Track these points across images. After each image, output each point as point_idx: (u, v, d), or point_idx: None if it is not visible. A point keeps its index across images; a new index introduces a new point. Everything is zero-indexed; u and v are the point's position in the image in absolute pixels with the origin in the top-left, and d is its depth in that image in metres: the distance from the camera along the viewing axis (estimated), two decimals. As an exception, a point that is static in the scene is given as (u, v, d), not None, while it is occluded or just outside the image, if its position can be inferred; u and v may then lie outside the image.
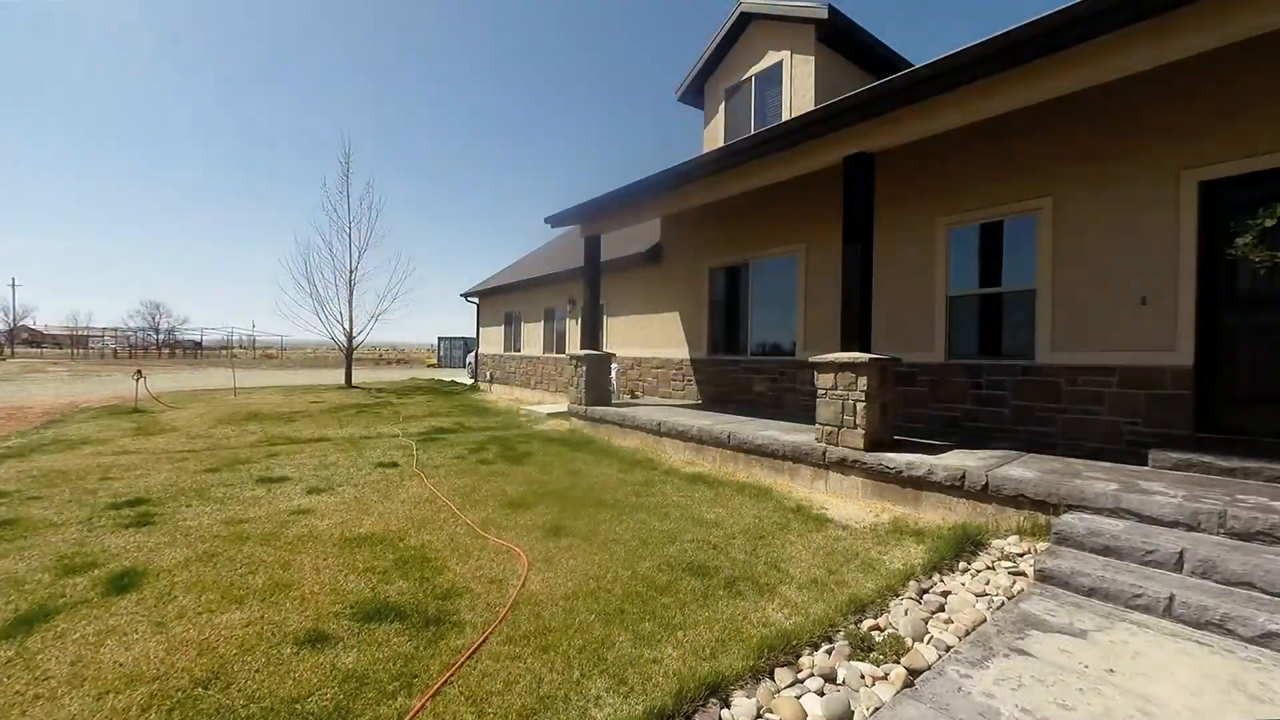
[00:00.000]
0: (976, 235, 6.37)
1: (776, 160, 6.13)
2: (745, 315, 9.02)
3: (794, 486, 5.68)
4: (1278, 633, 2.65)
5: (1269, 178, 4.58)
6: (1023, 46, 4.06)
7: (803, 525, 4.52)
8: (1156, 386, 5.02)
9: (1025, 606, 3.10)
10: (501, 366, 17.33)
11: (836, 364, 5.27)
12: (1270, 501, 3.44)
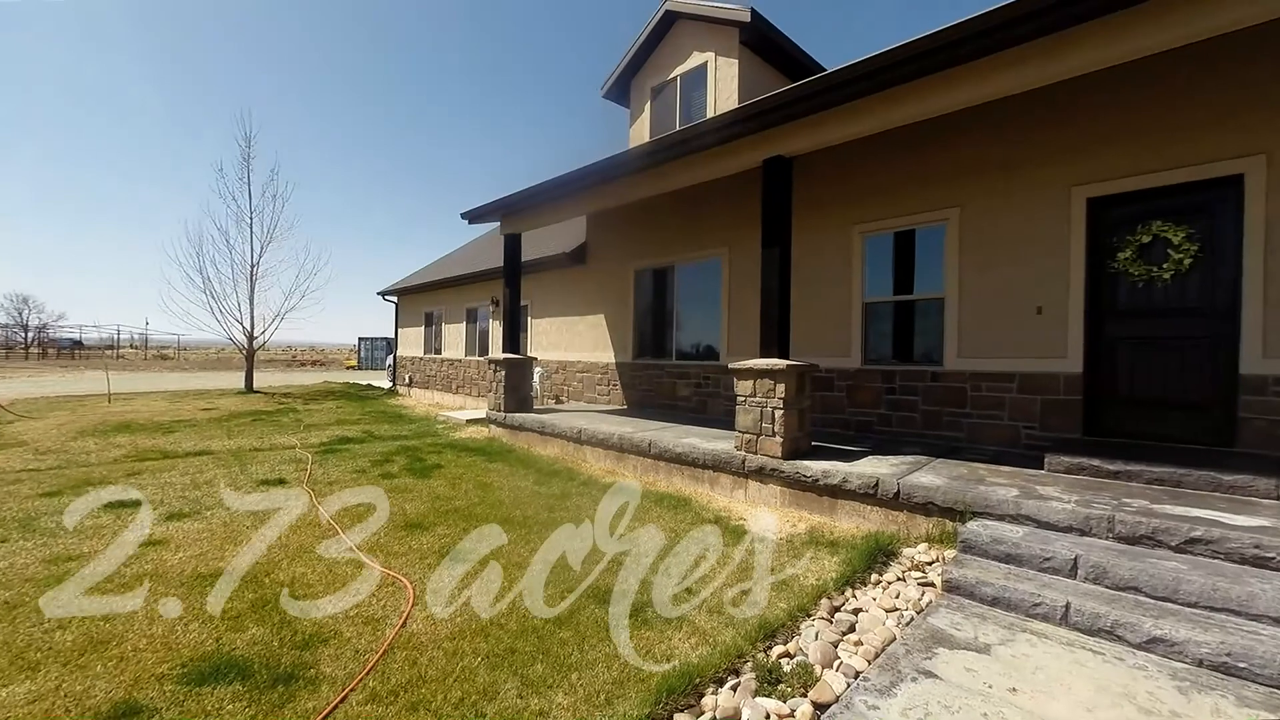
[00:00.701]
0: (891, 243, 6.50)
1: (695, 161, 5.98)
2: (671, 319, 8.88)
3: (714, 496, 5.54)
4: (1162, 638, 2.70)
5: (1146, 196, 4.88)
6: (928, 56, 4.08)
7: (719, 539, 4.35)
8: (1051, 392, 5.26)
9: (933, 621, 3.04)
10: (421, 370, 16.42)
11: (754, 371, 5.17)
12: (1150, 505, 3.59)
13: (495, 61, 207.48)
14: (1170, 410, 4.80)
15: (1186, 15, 3.41)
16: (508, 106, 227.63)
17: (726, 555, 4.02)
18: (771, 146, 5.28)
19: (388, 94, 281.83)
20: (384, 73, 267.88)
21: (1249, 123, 4.43)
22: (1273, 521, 3.25)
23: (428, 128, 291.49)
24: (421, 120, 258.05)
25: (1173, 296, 4.79)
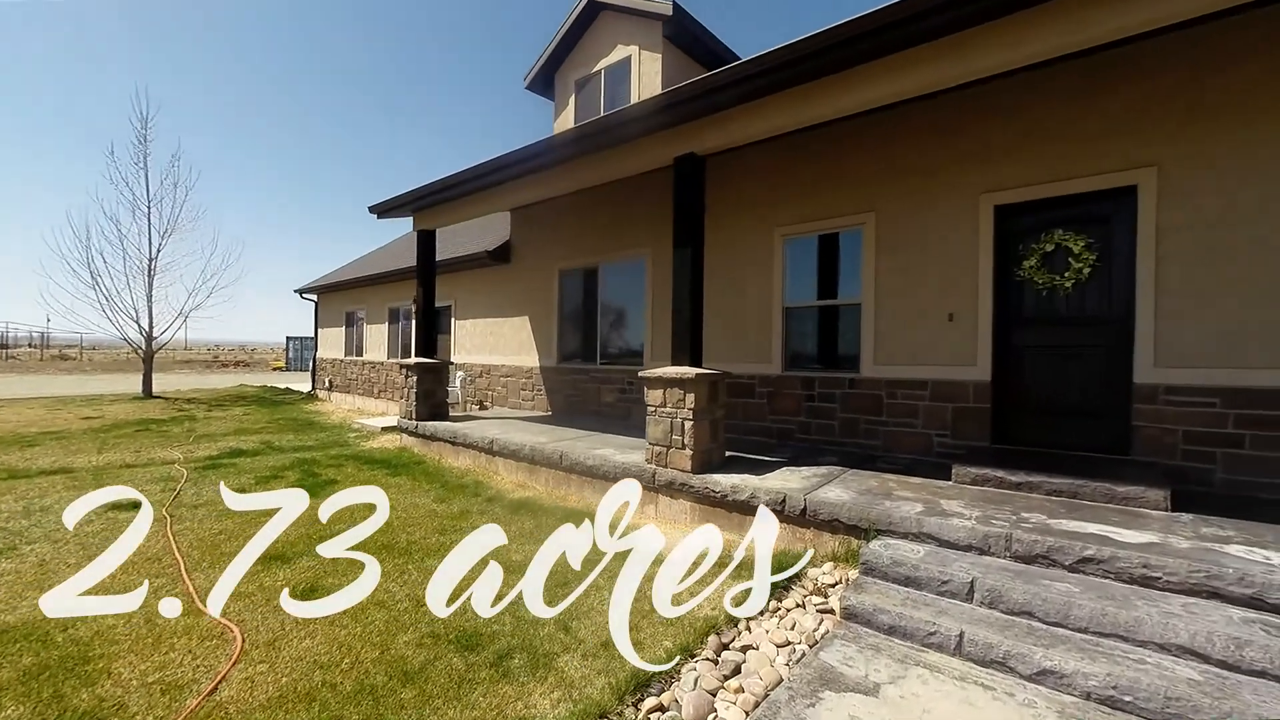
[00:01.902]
0: (814, 247, 6.37)
1: (611, 156, 5.65)
2: (596, 321, 8.53)
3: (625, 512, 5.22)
4: (1051, 670, 2.56)
5: (1049, 205, 4.90)
6: (829, 52, 3.88)
7: (619, 564, 4.02)
8: (962, 400, 5.22)
9: (824, 657, 2.81)
10: (342, 373, 15.42)
11: (664, 380, 4.89)
12: (1047, 520, 3.51)
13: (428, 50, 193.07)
14: (1071, 418, 4.83)
15: (1072, 25, 3.33)
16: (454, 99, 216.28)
17: (623, 582, 3.69)
18: (683, 143, 5.01)
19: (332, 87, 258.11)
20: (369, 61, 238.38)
21: (1142, 135, 4.48)
22: (1159, 537, 3.21)
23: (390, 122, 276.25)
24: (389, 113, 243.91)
25: (1073, 305, 4.82)
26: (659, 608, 3.36)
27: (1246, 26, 4.10)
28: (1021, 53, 3.53)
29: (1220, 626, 2.55)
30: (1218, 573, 2.78)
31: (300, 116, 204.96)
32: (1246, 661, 2.42)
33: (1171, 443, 4.34)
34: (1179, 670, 2.45)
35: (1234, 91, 4.17)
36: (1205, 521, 3.48)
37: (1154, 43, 4.37)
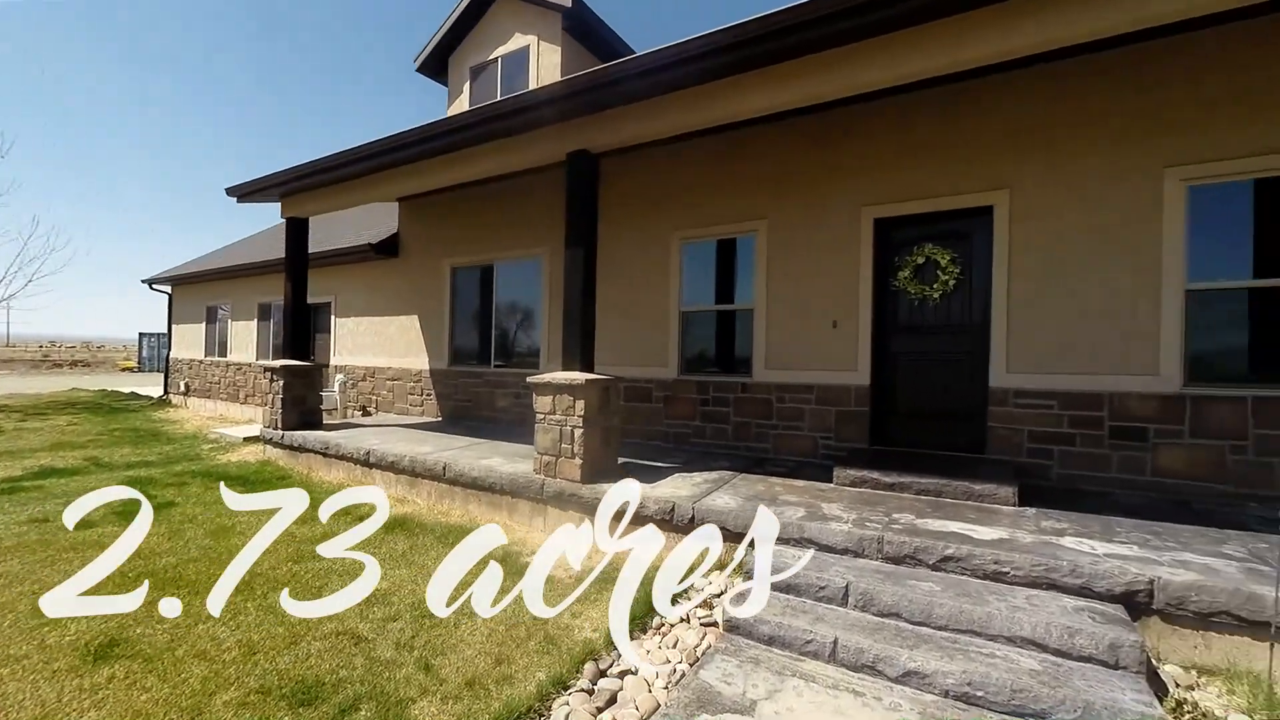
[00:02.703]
0: (712, 251, 6.41)
1: (503, 147, 5.31)
2: (491, 322, 8.10)
3: (512, 525, 4.93)
4: (915, 671, 2.63)
5: (922, 220, 5.22)
6: (714, 55, 3.84)
7: (496, 586, 3.74)
8: (844, 404, 5.44)
9: (704, 676, 2.72)
10: (202, 375, 13.66)
11: (553, 386, 4.66)
12: (915, 520, 3.68)
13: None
14: (939, 420, 5.17)
15: (938, 49, 3.50)
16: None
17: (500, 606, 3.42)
18: (575, 139, 4.80)
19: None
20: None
21: (999, 160, 4.88)
22: (1008, 532, 3.45)
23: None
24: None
25: (941, 314, 5.17)
26: (538, 631, 3.15)
27: (1086, 70, 4.57)
28: (896, 72, 3.67)
29: (1056, 617, 2.75)
30: (1054, 565, 3.01)
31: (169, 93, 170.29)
32: (1077, 649, 2.61)
33: (1019, 442, 4.75)
34: (1023, 662, 2.60)
35: (1071, 126, 4.64)
36: (1046, 515, 3.80)
37: (1009, 75, 4.76)
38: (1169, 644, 2.79)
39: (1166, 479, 4.31)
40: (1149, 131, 4.40)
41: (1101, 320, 4.51)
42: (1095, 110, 4.57)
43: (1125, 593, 2.84)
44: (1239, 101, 4.16)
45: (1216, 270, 4.29)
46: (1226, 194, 4.28)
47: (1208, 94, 4.24)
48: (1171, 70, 4.34)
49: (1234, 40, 4.16)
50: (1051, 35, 3.27)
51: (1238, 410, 4.13)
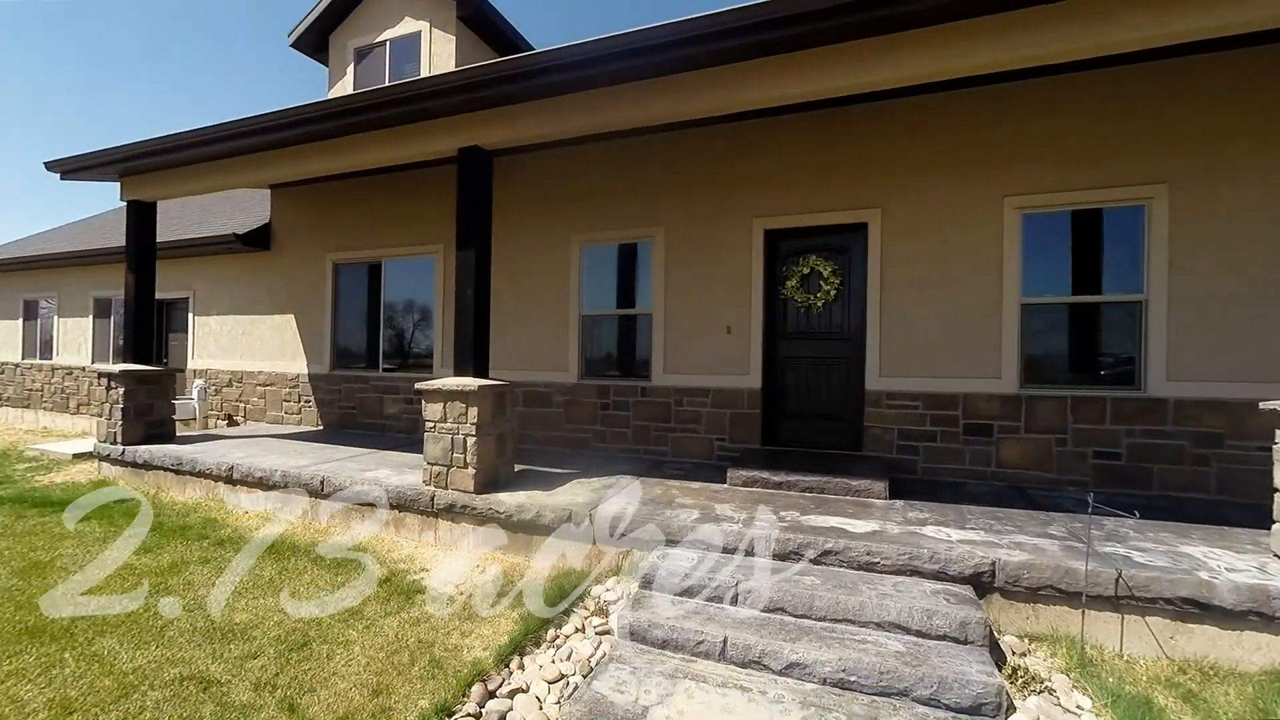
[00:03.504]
0: (613, 255, 6.42)
1: (388, 138, 4.97)
2: (379, 324, 7.57)
3: (400, 542, 4.62)
4: (797, 662, 2.77)
5: (806, 233, 5.57)
6: (607, 61, 3.85)
7: (382, 607, 3.49)
8: (738, 406, 5.67)
9: (597, 686, 2.69)
10: (19, 381, 11.57)
11: (444, 392, 4.43)
12: (799, 517, 3.90)
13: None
14: (823, 420, 5.53)
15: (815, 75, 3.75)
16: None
17: (381, 631, 3.18)
18: (467, 134, 4.60)
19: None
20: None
21: (872, 180, 5.31)
22: (879, 524, 3.75)
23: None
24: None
25: (824, 322, 5.54)
26: (425, 653, 2.96)
27: (941, 105, 5.09)
28: (780, 93, 3.87)
29: (918, 600, 3.02)
30: (917, 553, 3.31)
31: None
32: (934, 629, 2.88)
33: (890, 439, 5.20)
34: (890, 645, 2.83)
35: (929, 156, 5.15)
36: (912, 507, 4.18)
37: (877, 105, 5.19)
38: (1007, 617, 3.16)
39: (1008, 469, 4.91)
40: (991, 165, 4.99)
41: (956, 329, 5.05)
42: (948, 143, 5.11)
43: (973, 574, 3.19)
44: (1054, 145, 4.83)
45: (1045, 287, 4.95)
46: (1052, 222, 4.96)
47: (1035, 134, 4.89)
48: (1006, 112, 4.96)
49: (1049, 89, 4.82)
50: (903, 74, 3.58)
51: (1060, 408, 4.80)
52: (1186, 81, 4.53)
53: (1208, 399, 4.44)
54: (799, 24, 3.41)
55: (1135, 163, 4.66)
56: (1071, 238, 4.98)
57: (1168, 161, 4.58)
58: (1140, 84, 4.63)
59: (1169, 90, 4.58)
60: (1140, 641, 2.94)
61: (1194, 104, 4.53)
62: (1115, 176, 4.70)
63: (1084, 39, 3.21)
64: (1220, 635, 2.83)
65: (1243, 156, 4.41)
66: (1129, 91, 4.67)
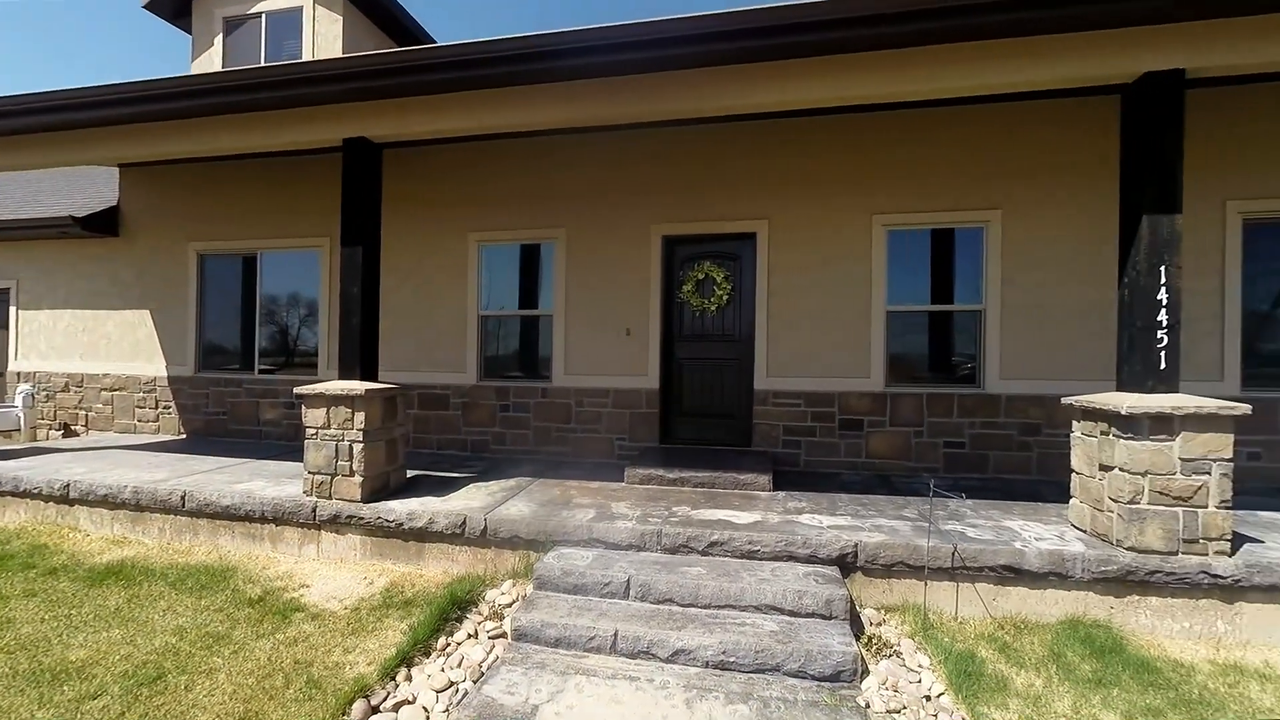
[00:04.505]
0: (515, 255, 6.35)
1: (264, 122, 4.55)
2: (254, 321, 6.95)
3: (277, 557, 4.30)
4: (683, 649, 2.94)
5: (701, 240, 5.84)
6: (499, 63, 3.84)
7: (253, 629, 3.25)
8: (637, 406, 5.83)
9: (487, 690, 2.70)
10: None
11: (327, 397, 4.19)
12: (690, 511, 4.11)
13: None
14: (716, 418, 5.84)
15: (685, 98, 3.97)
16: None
17: (251, 655, 2.98)
18: (354, 124, 4.36)
19: None
20: None
21: (758, 194, 5.67)
22: (762, 515, 4.05)
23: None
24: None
25: (718, 325, 5.84)
26: (302, 674, 2.81)
27: (818, 127, 5.54)
28: (662, 108, 4.03)
29: (791, 583, 3.31)
30: (793, 539, 3.61)
31: None
32: (805, 608, 3.17)
33: (776, 435, 5.60)
34: (765, 625, 3.08)
35: (808, 173, 5.59)
36: (792, 497, 4.54)
37: (763, 123, 5.55)
38: (867, 592, 3.53)
39: (875, 460, 5.45)
40: (862, 185, 5.51)
41: (833, 334, 5.53)
42: (827, 162, 5.58)
43: (839, 556, 3.53)
44: (913, 169, 5.43)
45: (907, 296, 5.55)
46: (914, 238, 5.56)
47: (899, 159, 5.46)
48: (876, 138, 5.48)
49: (910, 120, 5.41)
50: (778, 99, 3.88)
51: (918, 404, 5.40)
52: (1017, 123, 5.26)
53: (1030, 395, 5.20)
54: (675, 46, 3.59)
55: (978, 190, 5.35)
56: (930, 253, 5.61)
57: (1002, 191, 5.30)
58: (981, 122, 5.31)
59: (1005, 129, 5.29)
60: (971, 605, 3.41)
61: (1023, 143, 5.27)
62: (963, 201, 5.37)
63: (913, 85, 3.65)
64: (1029, 594, 3.36)
65: (1057, 190, 5.20)
66: (972, 128, 5.34)
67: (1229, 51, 3.26)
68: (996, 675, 2.82)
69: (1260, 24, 3.20)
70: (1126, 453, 3.28)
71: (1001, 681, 2.78)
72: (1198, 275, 4.88)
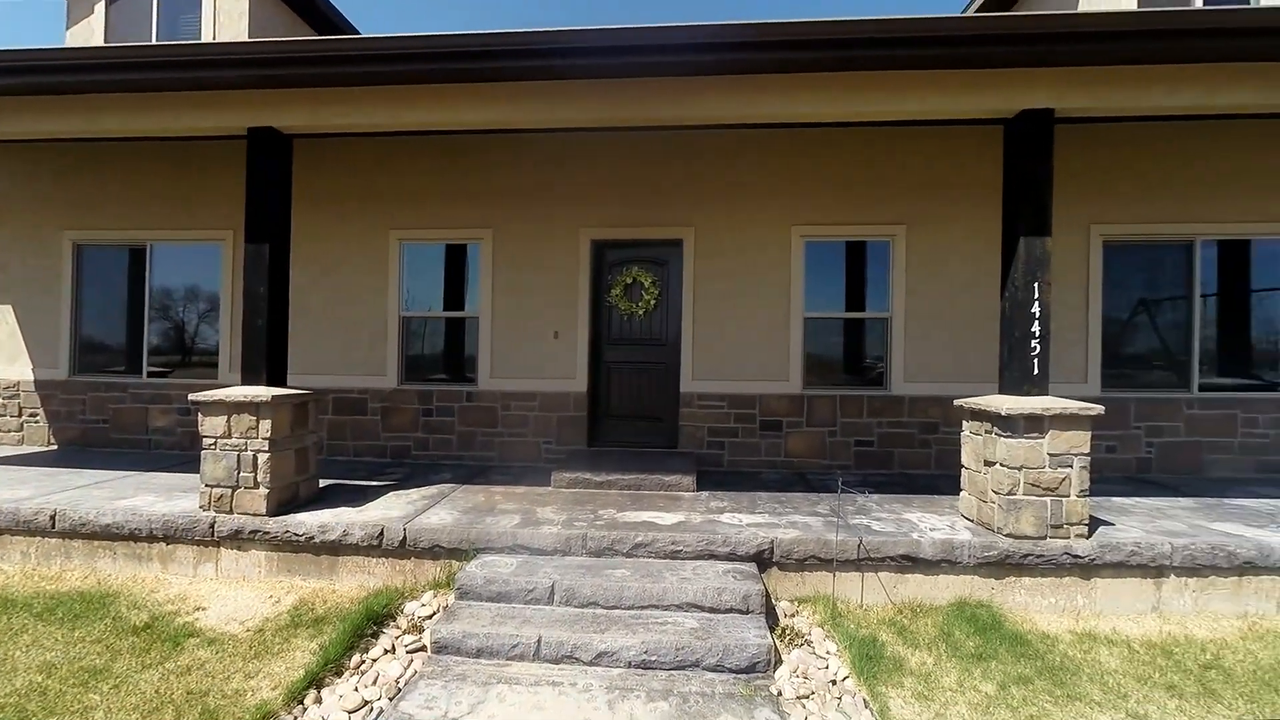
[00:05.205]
0: (439, 255, 6.16)
1: (142, 102, 4.13)
2: (143, 319, 6.33)
3: (168, 579, 3.95)
4: (606, 651, 2.98)
5: (629, 245, 5.92)
6: (409, 60, 3.73)
7: (138, 659, 2.98)
8: (565, 409, 5.83)
9: (404, 707, 2.63)
10: None
11: (228, 404, 3.90)
12: (616, 514, 4.17)
13: None
14: (644, 421, 5.93)
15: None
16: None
17: (134, 687, 2.73)
18: (260, 113, 4.08)
19: None
20: None
21: (683, 202, 5.81)
22: (685, 515, 4.17)
23: None
24: None
25: (645, 329, 5.94)
26: (195, 705, 2.62)
27: (743, 139, 5.75)
28: (590, 115, 4.07)
29: (711, 581, 3.43)
30: (714, 538, 3.74)
31: None
32: (724, 604, 3.30)
33: (701, 436, 5.77)
34: (686, 623, 3.18)
35: (728, 184, 5.80)
36: (715, 497, 4.69)
37: (687, 133, 5.70)
38: (782, 586, 3.72)
39: (794, 459, 5.74)
40: (783, 197, 5.77)
41: (755, 338, 5.77)
42: (749, 174, 5.81)
43: (757, 553, 3.70)
44: (832, 182, 5.77)
45: (824, 303, 5.87)
46: (829, 250, 5.90)
47: (818, 173, 5.77)
48: (796, 151, 5.76)
49: (827, 136, 5.73)
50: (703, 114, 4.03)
51: (832, 405, 5.74)
52: (920, 146, 5.69)
53: (930, 396, 5.65)
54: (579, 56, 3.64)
55: (886, 206, 5.75)
56: (845, 263, 5.97)
57: (907, 207, 5.73)
58: (889, 144, 5.71)
59: (909, 151, 5.71)
60: (875, 593, 3.67)
61: (925, 164, 5.71)
62: (873, 216, 5.76)
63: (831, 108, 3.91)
64: (925, 580, 3.66)
65: (955, 208, 5.68)
66: (881, 149, 5.73)
67: (1086, 97, 3.71)
68: (894, 656, 3.07)
69: (1109, 74, 3.66)
70: (1006, 449, 3.66)
71: (899, 662, 3.03)
72: (1066, 290, 5.49)
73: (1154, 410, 5.57)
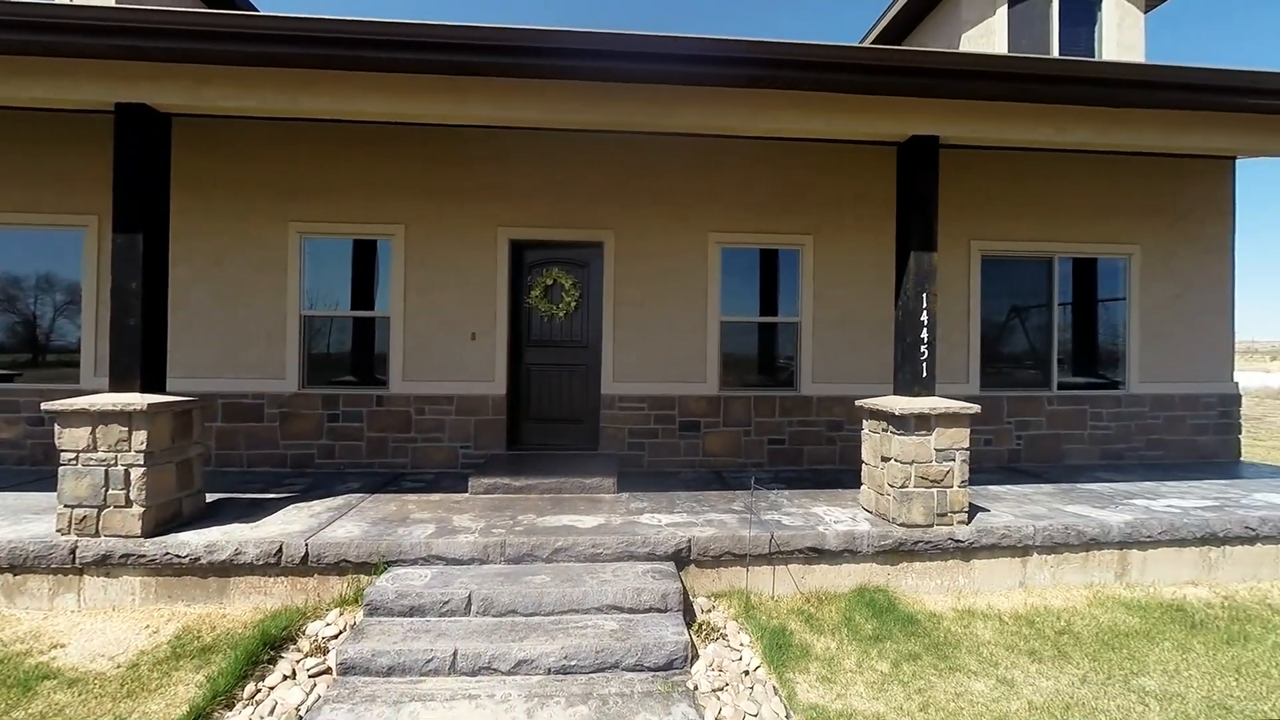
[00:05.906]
0: (348, 251, 5.79)
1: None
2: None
3: (16, 615, 3.46)
4: (525, 659, 2.95)
5: (550, 246, 5.86)
6: (319, 44, 3.49)
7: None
8: (483, 413, 5.68)
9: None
10: None
11: (93, 414, 3.47)
12: (536, 519, 4.12)
13: None
14: (565, 423, 5.90)
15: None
16: None
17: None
18: (130, 88, 3.65)
19: None
20: None
21: (604, 205, 5.84)
22: (605, 518, 4.20)
23: None
24: None
25: (565, 331, 5.91)
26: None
27: (664, 145, 5.86)
28: (510, 115, 3.99)
29: (631, 581, 3.48)
30: (634, 539, 3.80)
31: None
32: (643, 604, 3.36)
33: (622, 438, 5.82)
34: (607, 625, 3.21)
35: (648, 191, 5.89)
36: (635, 498, 4.76)
37: (604, 137, 5.73)
38: (700, 582, 3.84)
39: (712, 458, 5.93)
40: (699, 204, 5.94)
41: (675, 340, 5.90)
42: (667, 182, 5.93)
43: (675, 552, 3.79)
44: (749, 189, 6.01)
45: (739, 308, 6.10)
46: (744, 256, 6.13)
47: (731, 184, 5.99)
48: (711, 165, 5.95)
49: (743, 149, 5.97)
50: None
51: (747, 405, 5.98)
52: (826, 161, 6.05)
53: (835, 395, 6.03)
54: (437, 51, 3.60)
55: (796, 216, 6.07)
56: (759, 269, 6.24)
57: (815, 218, 6.07)
58: (798, 158, 6.02)
59: (816, 166, 6.06)
60: (785, 584, 3.88)
61: (831, 179, 6.08)
62: (785, 225, 6.06)
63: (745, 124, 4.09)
64: (830, 570, 3.92)
65: (857, 220, 6.09)
66: (791, 161, 6.03)
67: (964, 127, 4.12)
68: (801, 644, 3.26)
69: (982, 108, 4.09)
70: (899, 446, 3.98)
71: (805, 649, 3.22)
72: (951, 300, 6.06)
73: (1023, 406, 6.27)
